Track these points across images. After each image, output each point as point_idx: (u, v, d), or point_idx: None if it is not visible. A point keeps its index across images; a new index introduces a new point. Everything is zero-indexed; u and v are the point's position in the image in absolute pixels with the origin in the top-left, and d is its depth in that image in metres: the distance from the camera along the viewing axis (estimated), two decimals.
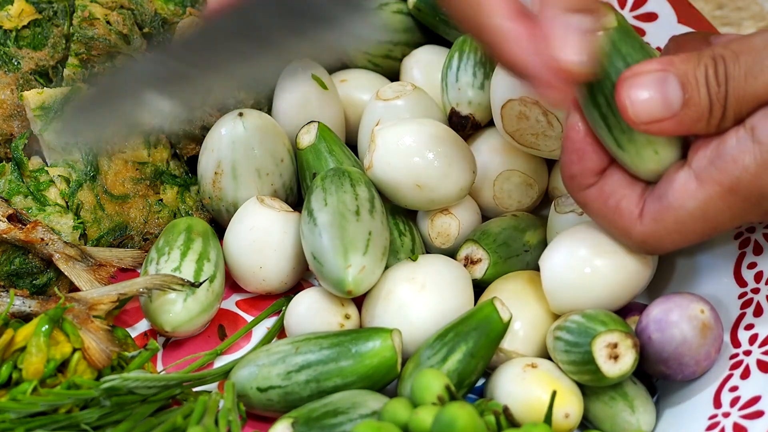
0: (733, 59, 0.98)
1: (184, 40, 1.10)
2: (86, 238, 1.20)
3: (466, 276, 1.14)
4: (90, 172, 1.21)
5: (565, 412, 1.04)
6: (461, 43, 1.23)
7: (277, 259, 1.17)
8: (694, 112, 0.99)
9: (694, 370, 1.05)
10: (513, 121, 1.15)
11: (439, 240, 1.18)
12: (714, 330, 1.05)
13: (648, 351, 1.06)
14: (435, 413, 0.98)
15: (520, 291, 1.11)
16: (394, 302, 1.10)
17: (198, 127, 1.23)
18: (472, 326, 1.07)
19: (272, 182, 1.21)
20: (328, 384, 1.07)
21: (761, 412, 1.01)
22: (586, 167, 1.04)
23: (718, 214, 1.00)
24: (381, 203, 1.14)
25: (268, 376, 1.08)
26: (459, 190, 1.15)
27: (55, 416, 1.02)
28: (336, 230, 1.10)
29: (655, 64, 0.99)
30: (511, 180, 1.20)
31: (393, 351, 1.06)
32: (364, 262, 1.09)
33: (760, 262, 1.11)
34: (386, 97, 1.20)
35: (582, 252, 1.07)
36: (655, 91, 0.99)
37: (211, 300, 1.15)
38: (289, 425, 1.03)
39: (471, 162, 1.16)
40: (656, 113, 0.99)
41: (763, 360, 1.05)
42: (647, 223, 1.03)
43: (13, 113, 1.23)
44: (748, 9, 1.48)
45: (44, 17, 1.27)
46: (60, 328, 1.07)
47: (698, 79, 0.99)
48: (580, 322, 1.05)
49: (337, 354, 1.07)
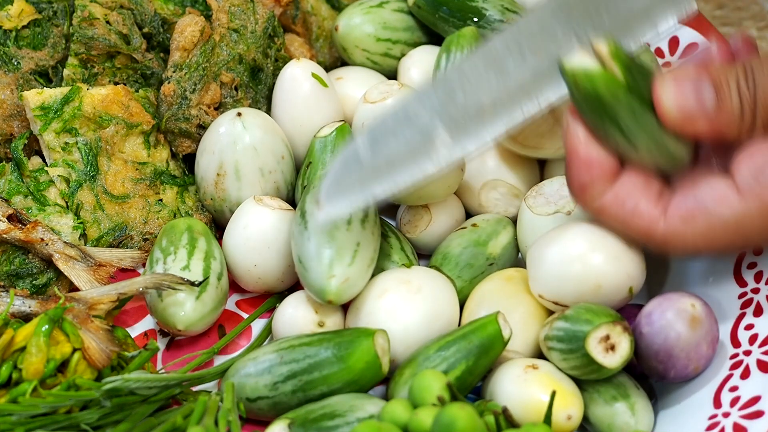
0: (759, 68, 1.01)
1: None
2: (86, 238, 1.20)
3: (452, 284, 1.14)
4: (90, 172, 1.21)
5: (567, 414, 1.04)
6: (448, 44, 1.22)
7: (272, 257, 1.17)
8: (726, 116, 1.00)
9: (685, 364, 1.05)
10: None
11: (407, 227, 1.19)
12: (705, 323, 1.05)
13: (640, 346, 1.06)
14: (435, 414, 0.98)
15: (504, 292, 1.11)
16: (388, 302, 1.10)
17: (194, 125, 1.23)
18: (475, 344, 1.06)
19: (275, 180, 1.21)
20: (315, 393, 1.06)
21: (761, 412, 1.01)
22: (596, 175, 1.04)
23: (752, 229, 1.01)
24: (375, 211, 1.13)
25: (255, 387, 1.07)
26: (446, 188, 1.15)
27: (55, 417, 1.02)
28: (325, 238, 1.09)
29: (691, 68, 1.02)
30: (497, 189, 1.19)
31: (376, 355, 1.06)
32: (349, 273, 1.09)
33: (760, 262, 1.11)
34: (373, 100, 1.19)
35: (577, 248, 1.07)
36: (690, 92, 1.01)
37: (221, 298, 1.16)
38: (285, 426, 1.03)
39: (460, 161, 1.15)
40: (691, 112, 1.01)
41: (763, 360, 1.05)
42: (673, 223, 1.03)
43: (13, 113, 1.23)
44: (748, 9, 1.48)
45: (44, 17, 1.27)
46: (60, 328, 1.07)
47: (730, 85, 1.01)
48: (566, 327, 1.05)
49: (322, 361, 1.06)
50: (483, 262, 1.15)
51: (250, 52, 1.26)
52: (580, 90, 1.01)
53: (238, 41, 1.26)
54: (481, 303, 1.11)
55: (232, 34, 1.26)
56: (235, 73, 1.25)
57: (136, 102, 1.23)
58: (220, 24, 1.26)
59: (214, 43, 1.25)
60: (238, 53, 1.25)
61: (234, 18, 1.26)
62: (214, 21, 1.26)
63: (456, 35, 1.22)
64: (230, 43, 1.25)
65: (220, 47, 1.25)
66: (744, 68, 1.01)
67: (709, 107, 1.01)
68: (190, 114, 1.23)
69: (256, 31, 1.27)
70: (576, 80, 1.01)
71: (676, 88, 1.01)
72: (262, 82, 1.27)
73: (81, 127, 1.21)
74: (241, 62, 1.26)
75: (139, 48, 1.25)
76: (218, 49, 1.25)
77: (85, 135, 1.21)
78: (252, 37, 1.26)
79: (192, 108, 1.23)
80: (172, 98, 1.22)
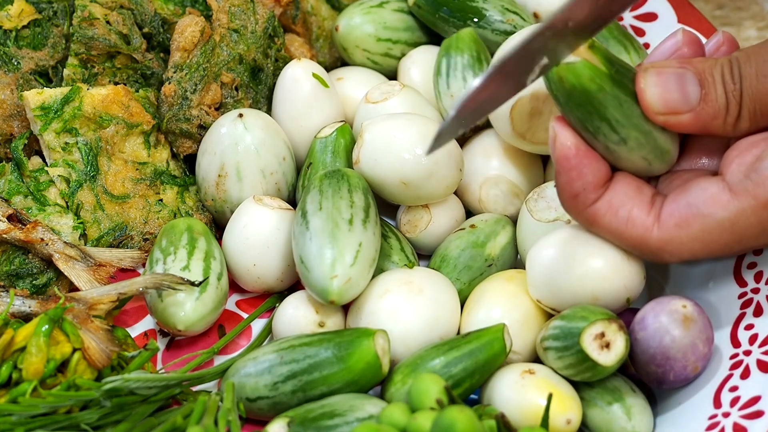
0: (745, 60, 1.00)
1: None
2: (86, 238, 1.20)
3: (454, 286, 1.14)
4: (90, 172, 1.21)
5: (566, 419, 1.04)
6: (447, 47, 1.22)
7: (271, 256, 1.17)
8: (711, 108, 1.00)
9: (683, 365, 1.05)
10: (524, 120, 1.14)
11: (407, 227, 1.19)
12: (698, 322, 1.05)
13: (636, 352, 1.06)
14: (433, 418, 0.97)
15: (505, 292, 1.11)
16: (390, 302, 1.10)
17: (195, 125, 1.23)
18: (480, 362, 1.06)
19: (276, 181, 1.21)
20: (315, 393, 1.06)
21: (761, 412, 1.01)
22: (587, 182, 1.02)
23: (747, 228, 1.00)
24: (376, 212, 1.13)
25: (255, 387, 1.07)
26: (444, 188, 1.15)
27: (55, 417, 1.02)
28: (327, 238, 1.09)
29: (674, 61, 1.01)
30: (498, 186, 1.19)
31: (376, 355, 1.06)
32: (351, 273, 1.09)
33: (760, 262, 1.11)
34: (375, 100, 1.20)
35: (574, 257, 1.07)
36: (674, 84, 1.00)
37: (221, 297, 1.16)
38: (284, 424, 1.03)
39: (458, 161, 1.15)
40: (675, 105, 1.00)
41: (763, 360, 1.05)
42: (668, 229, 1.01)
43: (13, 113, 1.23)
44: (748, 9, 1.48)
45: (44, 17, 1.27)
46: (60, 328, 1.07)
47: (715, 78, 1.00)
48: (561, 325, 1.05)
49: (322, 361, 1.06)
50: (482, 263, 1.15)
51: (250, 53, 1.26)
52: (565, 86, 1.00)
53: (239, 41, 1.26)
54: (481, 303, 1.11)
55: (233, 35, 1.26)
56: (235, 74, 1.25)
57: (136, 102, 1.23)
58: (220, 24, 1.26)
59: (215, 44, 1.25)
60: (239, 53, 1.25)
61: (234, 18, 1.26)
62: (214, 21, 1.26)
63: (454, 38, 1.22)
64: (230, 43, 1.25)
65: (220, 47, 1.25)
66: (729, 61, 1.00)
67: (693, 100, 1.00)
68: (190, 114, 1.23)
69: (257, 32, 1.27)
70: (560, 77, 1.00)
71: (660, 80, 1.00)
72: (262, 83, 1.27)
73: (81, 127, 1.21)
74: (241, 62, 1.26)
75: (139, 48, 1.25)
76: (218, 50, 1.25)
77: (85, 135, 1.21)
78: (252, 37, 1.26)
79: (193, 108, 1.23)
80: (173, 99, 1.22)
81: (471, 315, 1.11)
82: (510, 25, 1.24)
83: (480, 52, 1.22)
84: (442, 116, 1.22)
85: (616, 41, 1.23)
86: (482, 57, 1.22)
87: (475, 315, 1.10)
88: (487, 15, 1.26)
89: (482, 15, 1.26)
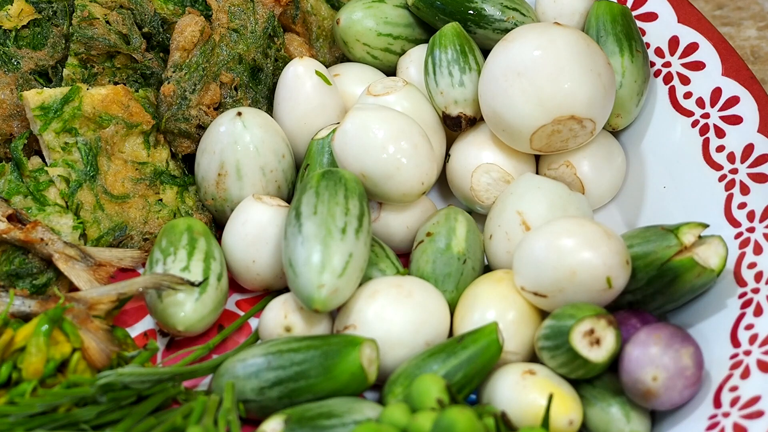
0: None
1: None
2: (86, 238, 1.20)
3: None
4: (90, 172, 1.21)
5: (569, 419, 1.04)
6: (431, 45, 1.23)
7: (270, 253, 1.17)
8: None
9: (669, 398, 1.05)
10: (542, 140, 1.16)
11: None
12: (665, 386, 1.04)
13: (622, 381, 1.05)
14: (434, 418, 0.97)
15: (496, 293, 1.11)
16: (378, 303, 1.10)
17: (194, 125, 1.23)
18: (478, 366, 1.06)
19: (276, 179, 1.21)
20: (301, 399, 1.06)
21: (761, 412, 1.01)
22: None
23: None
24: (369, 220, 1.13)
25: (243, 390, 1.07)
26: (401, 194, 1.15)
27: (54, 415, 1.02)
28: (318, 245, 1.09)
29: None
30: (490, 174, 1.20)
31: (361, 367, 1.05)
32: (339, 284, 1.08)
33: (760, 262, 1.11)
34: (377, 93, 1.21)
35: (553, 233, 1.07)
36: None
37: (221, 298, 1.16)
38: (281, 422, 1.03)
39: (427, 169, 1.15)
40: None
41: (763, 360, 1.05)
42: None
43: (12, 113, 1.23)
44: (748, 9, 1.48)
45: (44, 17, 1.27)
46: (60, 328, 1.07)
47: None
48: (552, 324, 1.06)
49: (307, 370, 1.06)
50: (457, 264, 1.15)
51: (250, 52, 1.26)
52: None
53: (238, 41, 1.26)
54: (475, 306, 1.10)
55: (232, 34, 1.26)
56: (234, 73, 1.25)
57: (135, 102, 1.23)
58: (220, 24, 1.26)
59: (214, 43, 1.25)
60: (238, 53, 1.25)
61: (234, 18, 1.26)
62: (214, 21, 1.26)
63: (438, 34, 1.22)
64: (230, 43, 1.26)
65: (219, 47, 1.25)
66: None
67: None
68: (189, 114, 1.23)
69: (256, 31, 1.27)
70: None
71: None
72: (261, 82, 1.27)
73: (81, 127, 1.21)
74: (240, 62, 1.26)
75: (138, 48, 1.25)
76: (218, 49, 1.25)
77: (85, 135, 1.21)
78: (252, 37, 1.26)
79: (192, 108, 1.23)
80: (172, 98, 1.22)
81: (465, 318, 1.10)
82: (511, 23, 1.25)
83: (464, 45, 1.22)
84: (438, 115, 1.22)
85: (614, 38, 1.23)
86: (466, 50, 1.21)
87: (470, 318, 1.10)
88: (486, 14, 1.26)
89: (482, 14, 1.26)
